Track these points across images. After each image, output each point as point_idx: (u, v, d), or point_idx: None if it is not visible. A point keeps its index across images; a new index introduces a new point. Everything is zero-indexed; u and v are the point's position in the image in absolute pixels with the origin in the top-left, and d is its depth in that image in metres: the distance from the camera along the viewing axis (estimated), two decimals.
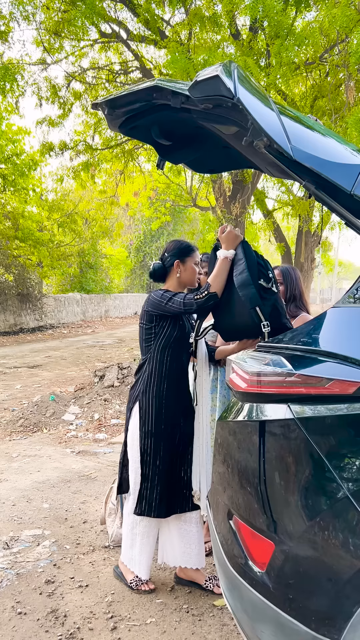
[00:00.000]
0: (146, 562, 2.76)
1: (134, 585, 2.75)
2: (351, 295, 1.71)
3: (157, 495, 2.66)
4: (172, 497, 2.71)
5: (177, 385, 2.75)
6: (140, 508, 2.68)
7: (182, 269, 2.77)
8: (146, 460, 2.67)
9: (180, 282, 2.79)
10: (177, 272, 2.77)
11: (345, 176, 1.64)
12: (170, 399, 2.71)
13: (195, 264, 2.80)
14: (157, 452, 2.67)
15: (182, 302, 2.55)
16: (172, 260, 2.77)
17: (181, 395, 2.78)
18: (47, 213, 19.07)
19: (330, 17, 6.86)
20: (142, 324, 2.76)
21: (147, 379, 2.72)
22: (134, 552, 2.76)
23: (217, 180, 11.65)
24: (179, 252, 2.78)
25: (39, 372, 10.04)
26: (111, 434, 5.81)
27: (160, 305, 2.63)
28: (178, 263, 2.77)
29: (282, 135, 1.62)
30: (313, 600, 1.35)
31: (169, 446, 2.70)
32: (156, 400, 2.68)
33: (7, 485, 4.24)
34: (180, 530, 2.77)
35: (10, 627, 2.45)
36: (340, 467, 1.34)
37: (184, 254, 2.77)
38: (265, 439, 1.51)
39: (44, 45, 10.46)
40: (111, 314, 26.56)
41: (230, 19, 8.60)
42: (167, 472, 2.69)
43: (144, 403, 2.70)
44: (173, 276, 2.79)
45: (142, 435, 2.68)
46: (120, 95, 2.09)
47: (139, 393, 2.73)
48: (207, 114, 1.86)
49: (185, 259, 2.77)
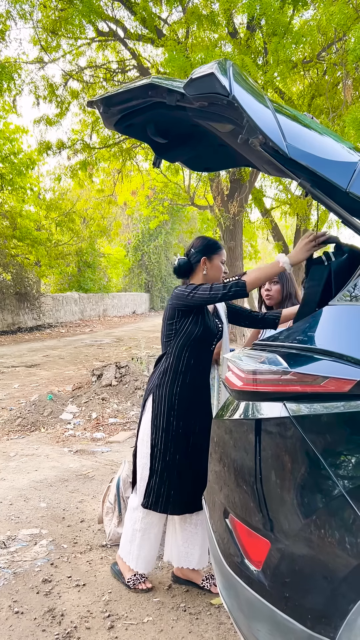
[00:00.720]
0: (145, 557, 2.73)
1: (132, 584, 2.74)
2: (347, 293, 1.70)
3: (165, 491, 2.63)
4: (183, 495, 2.66)
5: (192, 382, 2.70)
6: (147, 501, 2.66)
7: (209, 266, 2.72)
8: (156, 455, 2.65)
9: (206, 279, 2.73)
10: (203, 269, 2.72)
11: (341, 174, 1.63)
12: (184, 396, 2.67)
13: (222, 262, 2.75)
14: (167, 447, 2.64)
15: (209, 288, 2.45)
16: (199, 256, 2.72)
17: (197, 393, 2.73)
18: (44, 212, 19.07)
19: (327, 15, 6.87)
20: (164, 319, 2.73)
21: (162, 374, 2.70)
22: (132, 546, 2.73)
23: (215, 179, 11.66)
24: (207, 249, 2.73)
25: (36, 372, 10.03)
26: (109, 433, 5.80)
27: (184, 296, 2.56)
28: (205, 260, 2.71)
29: (277, 133, 1.62)
30: (309, 599, 1.35)
31: (180, 442, 2.65)
32: (169, 395, 2.65)
33: (4, 485, 4.23)
34: (185, 531, 2.75)
35: (7, 626, 2.45)
36: (336, 465, 1.33)
37: (211, 250, 2.73)
38: (261, 437, 1.50)
39: (41, 44, 10.46)
40: (109, 313, 26.56)
41: (227, 17, 8.60)
42: (177, 468, 2.65)
43: (157, 397, 2.67)
44: (199, 273, 2.74)
45: (153, 429, 2.66)
46: (115, 93, 2.08)
47: (153, 387, 2.71)
48: (203, 111, 1.86)
49: (213, 256, 2.72)
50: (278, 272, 2.38)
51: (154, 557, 2.79)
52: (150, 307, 32.98)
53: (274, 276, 2.39)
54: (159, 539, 2.79)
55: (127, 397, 6.92)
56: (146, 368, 8.06)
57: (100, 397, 6.87)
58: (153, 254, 31.76)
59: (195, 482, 2.65)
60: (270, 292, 3.14)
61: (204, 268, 2.72)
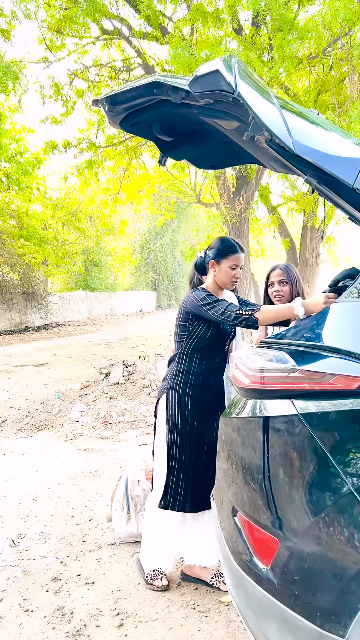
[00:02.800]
0: (165, 554, 2.76)
1: (149, 579, 2.75)
2: (355, 290, 1.70)
3: (182, 490, 2.66)
4: (199, 493, 2.68)
5: (205, 383, 2.72)
6: (165, 502, 2.68)
7: (217, 269, 2.70)
8: (172, 454, 2.67)
9: (215, 282, 2.73)
10: (212, 272, 2.72)
11: (347, 170, 1.62)
12: (197, 396, 2.69)
13: (232, 267, 2.69)
14: (182, 446, 2.66)
15: (223, 311, 2.45)
16: (209, 259, 2.71)
17: (210, 393, 2.74)
18: (51, 211, 19.13)
19: (333, 11, 6.82)
20: (178, 319, 2.73)
21: (175, 375, 2.72)
22: (153, 544, 2.77)
23: (221, 177, 11.63)
24: (216, 252, 2.70)
25: (44, 370, 10.07)
26: (117, 431, 5.81)
27: (198, 308, 2.56)
28: (213, 263, 2.70)
29: (283, 130, 1.61)
30: (318, 597, 1.34)
31: (195, 442, 2.68)
32: (182, 396, 2.67)
33: (13, 483, 4.25)
34: (196, 529, 2.76)
35: (17, 624, 2.46)
36: (344, 463, 1.33)
37: (221, 254, 2.69)
38: (269, 435, 1.50)
39: (46, 44, 10.47)
40: (116, 312, 26.60)
41: (232, 13, 8.57)
42: (193, 467, 2.67)
43: (170, 398, 2.70)
44: (210, 275, 2.74)
45: (169, 429, 2.69)
46: (120, 92, 2.08)
47: (166, 387, 2.73)
48: (208, 109, 1.85)
49: (221, 260, 2.68)
50: (291, 316, 2.33)
51: (172, 555, 2.81)
52: (157, 305, 33.00)
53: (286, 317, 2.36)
54: (176, 537, 2.80)
55: (135, 396, 6.92)
56: (153, 366, 8.06)
57: (108, 395, 6.88)
58: (160, 252, 31.78)
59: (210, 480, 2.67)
60: (281, 292, 3.12)
61: (212, 271, 2.71)
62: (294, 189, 13.65)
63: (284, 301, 3.16)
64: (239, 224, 11.45)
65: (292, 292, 3.14)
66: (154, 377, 7.39)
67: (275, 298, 3.18)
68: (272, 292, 3.14)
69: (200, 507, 2.70)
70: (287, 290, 3.13)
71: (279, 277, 3.13)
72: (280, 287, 3.13)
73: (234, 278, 2.72)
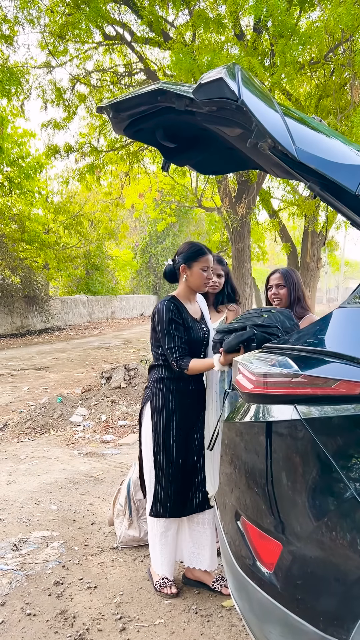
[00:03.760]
0: (168, 561, 2.77)
1: (158, 587, 2.76)
2: (357, 295, 1.71)
3: (171, 496, 2.67)
4: (189, 496, 2.71)
5: (186, 388, 2.73)
6: (155, 510, 2.70)
7: (189, 273, 2.72)
8: (159, 461, 2.69)
9: (187, 286, 2.75)
10: (183, 277, 2.74)
11: (350, 177, 1.64)
12: (179, 402, 2.71)
13: (203, 269, 2.72)
14: (169, 452, 2.67)
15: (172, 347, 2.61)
16: (179, 264, 2.74)
17: (191, 397, 2.76)
18: (53, 215, 19.14)
19: (335, 16, 6.85)
20: (152, 328, 2.75)
21: (156, 382, 2.74)
22: (155, 552, 2.78)
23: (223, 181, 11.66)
24: (186, 256, 2.72)
25: (46, 374, 10.07)
26: (118, 435, 5.82)
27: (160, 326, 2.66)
28: (184, 267, 2.72)
29: (286, 137, 1.62)
30: (321, 601, 1.35)
31: (181, 447, 2.69)
32: (165, 403, 2.69)
33: (15, 487, 4.26)
34: (193, 531, 2.77)
35: (20, 628, 2.46)
36: (347, 468, 1.34)
37: (190, 258, 2.72)
38: (272, 439, 1.51)
39: (48, 49, 10.50)
40: (117, 316, 26.60)
41: (234, 19, 8.60)
42: (181, 472, 2.69)
43: (154, 405, 2.71)
44: (181, 280, 2.76)
45: (155, 436, 2.70)
46: (124, 99, 2.10)
47: (150, 395, 2.75)
48: (212, 116, 1.87)
49: (192, 264, 2.71)
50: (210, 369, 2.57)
51: (172, 560, 2.82)
52: None
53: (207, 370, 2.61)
54: (175, 540, 2.81)
55: (136, 400, 6.93)
56: None
57: (110, 399, 6.88)
58: (161, 256, 31.79)
59: (199, 481, 2.71)
60: (279, 295, 3.17)
61: (184, 275, 2.73)
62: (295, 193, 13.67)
63: (281, 304, 3.20)
64: (241, 228, 11.47)
65: (290, 295, 3.17)
66: None
67: (274, 301, 3.22)
68: (270, 294, 3.20)
69: (190, 511, 2.72)
70: (284, 294, 3.16)
71: (277, 280, 3.19)
72: (277, 290, 3.18)
73: (207, 280, 2.76)
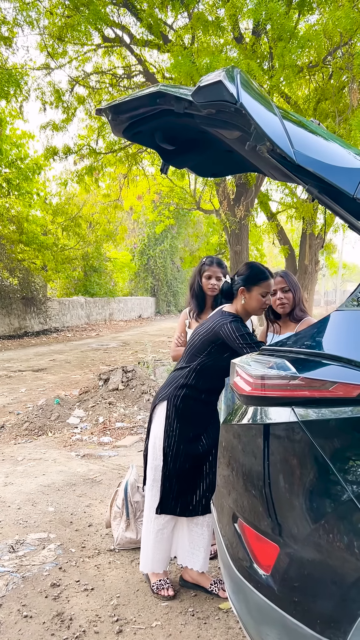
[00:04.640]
0: (159, 558, 2.77)
1: (155, 589, 2.76)
2: (355, 298, 1.71)
3: (177, 495, 2.69)
4: (194, 498, 2.71)
5: (207, 399, 2.74)
6: (162, 507, 2.70)
7: (247, 296, 2.63)
8: (168, 461, 2.69)
9: (244, 308, 2.66)
10: (241, 299, 2.64)
11: (348, 180, 1.64)
12: (198, 410, 2.72)
13: (262, 295, 2.62)
14: (179, 453, 2.68)
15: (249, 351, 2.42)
16: (239, 285, 2.65)
17: (209, 408, 2.77)
18: (51, 217, 19.16)
19: (333, 20, 6.89)
20: (202, 334, 2.66)
21: (180, 386, 2.71)
22: (147, 548, 2.77)
23: (221, 183, 11.68)
24: (246, 279, 2.63)
25: (43, 376, 10.06)
26: (116, 437, 5.81)
27: (233, 341, 2.48)
28: (243, 290, 2.63)
29: (284, 140, 1.63)
30: (318, 603, 1.35)
31: (192, 449, 2.70)
32: (184, 407, 2.69)
33: (12, 489, 4.25)
34: (192, 532, 2.77)
35: (16, 630, 2.46)
36: (344, 470, 1.34)
37: (251, 281, 2.62)
38: (270, 442, 1.51)
39: (47, 51, 10.52)
40: (115, 317, 26.60)
41: (233, 22, 8.63)
42: (189, 473, 2.70)
43: (171, 405, 2.70)
44: (238, 301, 2.67)
45: (166, 436, 2.70)
46: (124, 101, 2.10)
47: (168, 395, 2.73)
48: (210, 119, 1.87)
49: (252, 287, 2.62)
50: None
51: (168, 557, 2.83)
52: (156, 311, 32.99)
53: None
54: (171, 538, 2.82)
55: (134, 402, 6.92)
56: (152, 372, 8.06)
57: (107, 401, 6.88)
58: (159, 258, 31.81)
59: (206, 486, 2.72)
60: (284, 299, 3.06)
61: (242, 298, 2.64)
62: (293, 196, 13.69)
63: (288, 308, 3.11)
64: (239, 230, 11.49)
65: (295, 298, 3.09)
66: (153, 383, 7.40)
67: (280, 307, 3.10)
68: (274, 300, 3.06)
69: (193, 513, 2.72)
70: (290, 297, 3.06)
71: (280, 284, 3.07)
72: (282, 294, 3.07)
73: (265, 305, 2.67)
